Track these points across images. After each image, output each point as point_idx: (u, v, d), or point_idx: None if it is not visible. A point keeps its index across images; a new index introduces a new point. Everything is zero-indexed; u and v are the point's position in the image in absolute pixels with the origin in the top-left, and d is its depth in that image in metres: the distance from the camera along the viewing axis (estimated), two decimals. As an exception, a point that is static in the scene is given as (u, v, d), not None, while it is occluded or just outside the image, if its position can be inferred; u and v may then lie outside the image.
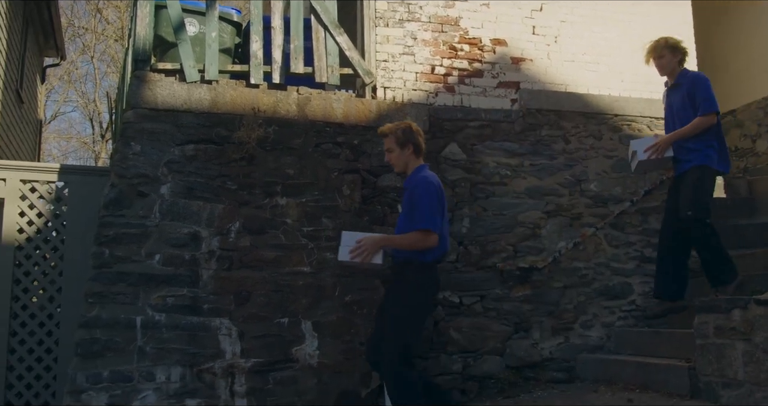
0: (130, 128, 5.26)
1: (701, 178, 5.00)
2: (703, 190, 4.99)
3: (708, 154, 5.01)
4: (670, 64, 5.23)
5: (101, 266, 5.01)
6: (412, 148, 4.40)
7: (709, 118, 4.97)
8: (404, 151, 4.41)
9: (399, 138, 4.40)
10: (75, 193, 6.08)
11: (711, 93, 5.02)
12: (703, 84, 5.05)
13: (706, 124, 4.97)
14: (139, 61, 5.47)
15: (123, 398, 4.88)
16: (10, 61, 11.89)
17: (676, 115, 5.18)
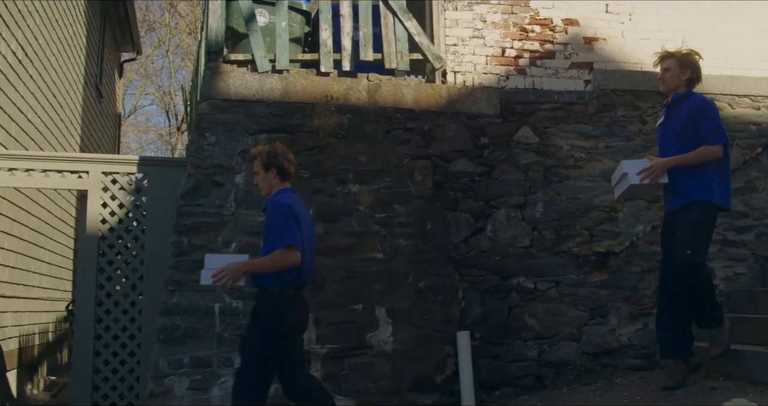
0: (204, 119, 5.37)
1: (703, 216, 4.42)
2: (704, 229, 4.42)
3: (709, 187, 4.43)
4: (674, 80, 4.59)
5: (180, 255, 5.14)
6: (275, 172, 4.23)
7: (715, 149, 4.41)
8: (268, 174, 4.24)
9: (263, 161, 4.26)
10: (154, 184, 6.24)
11: (720, 122, 4.46)
12: (711, 111, 4.48)
13: (711, 155, 4.41)
14: (212, 53, 5.56)
15: (203, 383, 5.01)
16: (90, 58, 12.27)
17: (673, 140, 4.57)
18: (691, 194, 4.44)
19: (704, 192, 4.42)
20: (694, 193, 4.43)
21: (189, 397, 4.97)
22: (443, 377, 5.36)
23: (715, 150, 4.41)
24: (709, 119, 4.44)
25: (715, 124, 4.43)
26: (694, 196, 4.43)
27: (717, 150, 4.42)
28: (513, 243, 5.70)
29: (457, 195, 5.66)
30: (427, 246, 5.52)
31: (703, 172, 4.44)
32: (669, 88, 4.63)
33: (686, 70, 4.56)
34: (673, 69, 4.58)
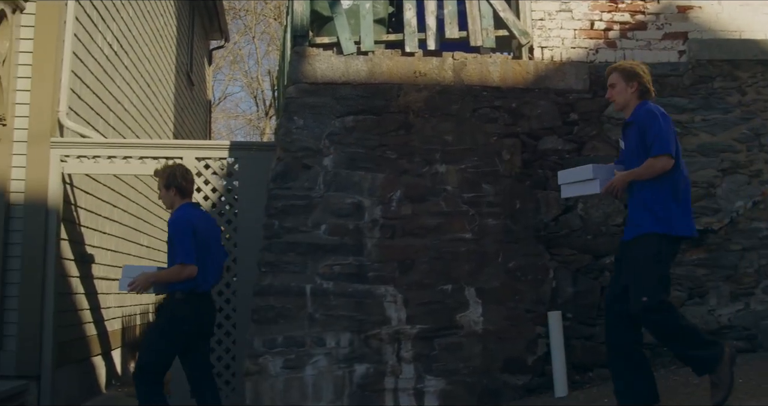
0: (292, 103, 5.44)
1: (656, 252, 3.91)
2: (658, 266, 3.91)
3: (663, 215, 3.93)
4: (622, 95, 4.16)
5: (272, 237, 5.25)
6: (175, 190, 4.85)
7: (662, 160, 3.90)
8: (168, 192, 4.87)
9: (164, 181, 4.88)
10: (245, 168, 6.39)
11: (664, 130, 3.93)
12: (655, 120, 3.97)
13: (658, 167, 3.91)
14: (298, 37, 5.62)
15: (297, 362, 5.11)
16: (181, 47, 12.60)
17: (627, 161, 4.17)
18: (642, 225, 3.98)
19: (657, 222, 3.93)
20: (645, 224, 3.96)
21: (283, 375, 5.09)
22: (534, 358, 5.31)
23: (662, 161, 3.91)
24: (653, 128, 3.96)
25: (657, 132, 3.94)
26: (645, 227, 3.95)
27: (665, 161, 3.91)
28: (605, 221, 5.57)
29: (546, 173, 5.56)
30: (516, 226, 5.45)
31: (656, 197, 3.95)
32: (619, 105, 4.23)
33: (632, 82, 4.12)
34: (619, 83, 4.17)
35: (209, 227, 4.94)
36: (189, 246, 4.63)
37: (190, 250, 4.63)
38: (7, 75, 6.11)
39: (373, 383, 5.13)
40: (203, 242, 4.75)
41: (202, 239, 4.73)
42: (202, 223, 4.84)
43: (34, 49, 6.31)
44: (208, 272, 4.78)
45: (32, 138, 6.23)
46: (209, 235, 4.86)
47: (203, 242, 4.75)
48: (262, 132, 26.35)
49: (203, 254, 4.72)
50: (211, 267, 4.83)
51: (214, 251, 4.90)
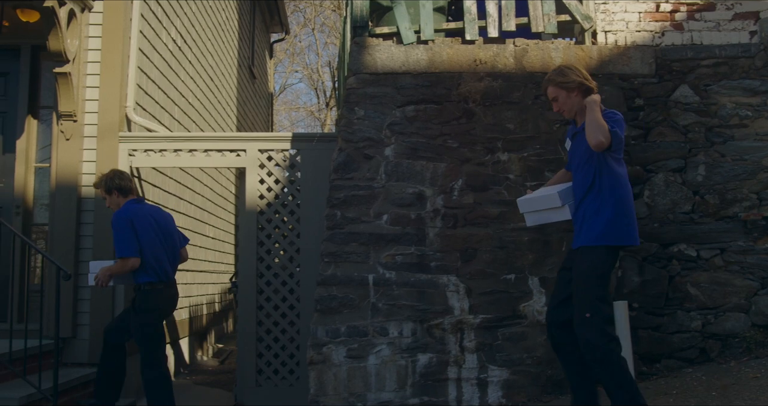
0: (353, 94, 5.46)
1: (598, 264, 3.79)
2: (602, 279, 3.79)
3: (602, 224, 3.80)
4: (567, 105, 4.02)
5: (334, 227, 5.29)
6: (116, 192, 5.26)
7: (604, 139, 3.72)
8: (111, 196, 5.28)
9: (104, 189, 5.28)
10: (307, 159, 6.44)
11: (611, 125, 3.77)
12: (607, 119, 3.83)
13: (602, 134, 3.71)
14: (358, 27, 5.63)
15: (359, 351, 5.15)
16: (242, 40, 12.77)
17: (578, 167, 4.00)
18: (583, 236, 3.88)
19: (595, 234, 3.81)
20: (586, 235, 3.85)
21: (346, 365, 5.14)
22: (601, 348, 5.21)
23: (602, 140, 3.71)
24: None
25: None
26: (585, 240, 3.85)
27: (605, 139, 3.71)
28: (673, 209, 5.43)
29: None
30: (580, 214, 5.36)
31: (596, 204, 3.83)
32: (571, 114, 4.07)
33: (572, 90, 3.98)
34: (559, 94, 4.02)
35: (158, 218, 5.34)
36: (126, 240, 5.06)
37: (128, 244, 5.06)
38: (77, 73, 6.29)
39: (435, 373, 5.14)
40: (153, 234, 5.20)
41: (151, 231, 5.19)
42: (146, 216, 5.24)
43: (102, 46, 6.48)
44: (164, 262, 5.25)
45: (101, 133, 6.40)
46: (159, 226, 5.29)
47: (153, 234, 5.20)
48: (322, 123, 26.57)
49: (155, 246, 5.19)
50: (168, 257, 5.31)
51: (168, 240, 5.35)
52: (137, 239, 5.09)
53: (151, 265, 5.16)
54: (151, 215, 5.31)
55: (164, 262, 5.25)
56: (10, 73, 6.71)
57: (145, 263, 5.12)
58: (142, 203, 5.42)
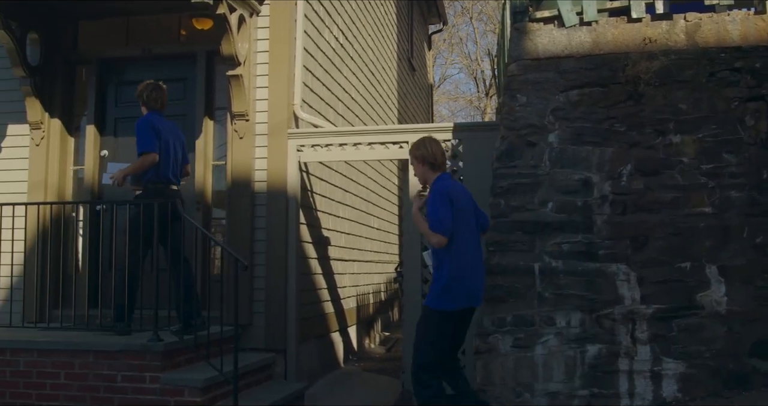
0: (514, 81, 5.38)
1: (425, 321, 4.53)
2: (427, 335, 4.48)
3: (432, 289, 4.51)
4: (421, 175, 4.73)
5: (498, 216, 5.25)
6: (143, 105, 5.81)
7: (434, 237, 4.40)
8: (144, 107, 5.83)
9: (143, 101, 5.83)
10: (469, 148, 6.43)
11: (436, 209, 4.39)
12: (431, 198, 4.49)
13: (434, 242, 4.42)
14: (517, 13, 5.55)
15: (526, 341, 5.09)
16: (401, 34, 12.94)
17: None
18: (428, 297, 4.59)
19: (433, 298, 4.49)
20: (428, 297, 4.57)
21: (513, 354, 5.09)
22: (792, 342, 4.85)
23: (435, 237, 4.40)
24: (429, 206, 4.47)
25: (431, 211, 4.43)
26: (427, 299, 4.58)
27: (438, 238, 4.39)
28: None
29: (799, 139, 5.04)
30: (763, 197, 5.00)
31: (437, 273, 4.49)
32: (422, 181, 4.75)
33: (421, 162, 4.66)
34: (415, 165, 4.74)
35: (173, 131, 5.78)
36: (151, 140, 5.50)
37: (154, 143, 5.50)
38: (248, 74, 6.63)
39: (605, 364, 4.98)
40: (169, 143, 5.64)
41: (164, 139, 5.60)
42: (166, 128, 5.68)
43: (269, 48, 6.79)
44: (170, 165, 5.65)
45: (271, 131, 6.71)
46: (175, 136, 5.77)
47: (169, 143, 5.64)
48: (483, 112, 26.44)
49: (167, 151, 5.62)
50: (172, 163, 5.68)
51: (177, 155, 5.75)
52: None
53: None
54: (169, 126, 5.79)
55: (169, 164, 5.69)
56: (188, 78, 7.18)
57: None
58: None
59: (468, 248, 4.49)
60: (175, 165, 5.71)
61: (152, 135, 5.53)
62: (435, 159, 4.64)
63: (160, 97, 5.79)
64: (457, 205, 4.49)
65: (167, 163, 5.61)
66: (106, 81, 7.36)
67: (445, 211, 4.40)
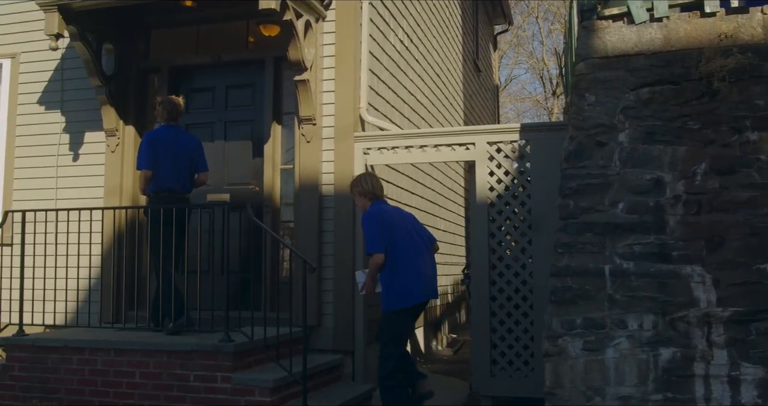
0: (582, 80, 5.30)
1: (386, 325, 5.47)
2: (390, 335, 5.45)
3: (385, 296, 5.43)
4: (361, 204, 5.68)
5: (567, 217, 5.17)
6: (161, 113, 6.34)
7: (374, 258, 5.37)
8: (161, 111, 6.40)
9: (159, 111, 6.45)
10: (536, 149, 6.35)
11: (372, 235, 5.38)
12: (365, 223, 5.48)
13: (373, 263, 5.38)
14: (585, 11, 5.46)
15: (596, 344, 4.99)
16: (466, 35, 12.90)
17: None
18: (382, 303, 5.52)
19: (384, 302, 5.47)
20: (382, 303, 5.51)
21: (583, 357, 5.01)
22: None
23: (373, 258, 5.37)
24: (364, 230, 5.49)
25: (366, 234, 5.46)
26: (382, 305, 5.51)
27: (375, 257, 5.36)
28: None
29: None
30: None
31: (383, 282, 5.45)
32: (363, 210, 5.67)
33: (361, 197, 5.66)
34: (357, 198, 5.74)
35: (180, 143, 6.14)
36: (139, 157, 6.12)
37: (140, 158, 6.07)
38: (314, 79, 6.71)
39: (680, 368, 4.85)
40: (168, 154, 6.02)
41: (162, 154, 5.99)
42: (168, 141, 6.06)
43: (335, 53, 6.86)
44: (170, 176, 6.03)
45: (338, 134, 6.78)
46: (179, 150, 6.10)
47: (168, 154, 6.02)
48: (550, 112, 26.12)
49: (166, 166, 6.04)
50: (173, 173, 6.04)
51: (177, 166, 6.08)
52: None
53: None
54: (175, 136, 6.16)
55: (169, 175, 6.08)
56: (256, 84, 7.32)
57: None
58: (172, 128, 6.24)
59: (408, 256, 5.40)
60: (178, 175, 6.03)
61: (146, 152, 6.03)
62: (374, 193, 5.63)
63: (168, 110, 6.19)
64: (391, 222, 5.43)
65: (166, 174, 5.98)
66: (177, 88, 7.56)
67: (373, 233, 5.36)
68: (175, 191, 6.06)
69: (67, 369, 5.73)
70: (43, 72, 7.82)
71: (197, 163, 6.21)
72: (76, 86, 7.63)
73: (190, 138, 6.32)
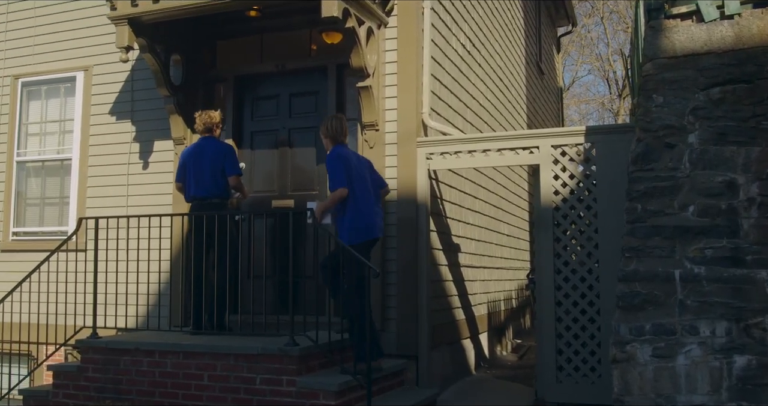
0: (650, 81, 5.19)
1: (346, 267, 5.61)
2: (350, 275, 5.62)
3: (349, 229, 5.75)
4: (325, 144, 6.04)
5: (635, 221, 5.07)
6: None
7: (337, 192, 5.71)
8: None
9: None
10: (602, 152, 6.25)
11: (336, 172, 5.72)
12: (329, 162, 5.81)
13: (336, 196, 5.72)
14: (652, 10, 5.35)
15: (666, 351, 4.87)
16: (529, 38, 12.78)
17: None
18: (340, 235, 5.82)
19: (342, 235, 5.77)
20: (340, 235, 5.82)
21: (652, 364, 4.89)
22: None
23: (338, 192, 5.69)
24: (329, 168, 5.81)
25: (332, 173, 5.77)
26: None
27: (340, 192, 5.69)
28: None
29: None
30: None
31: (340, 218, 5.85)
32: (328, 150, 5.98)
33: (325, 136, 5.99)
34: (323, 139, 6.05)
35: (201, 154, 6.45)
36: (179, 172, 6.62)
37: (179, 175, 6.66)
38: (377, 85, 6.75)
39: (756, 377, 4.68)
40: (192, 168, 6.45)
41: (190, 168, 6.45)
42: (193, 154, 6.47)
43: (397, 58, 6.88)
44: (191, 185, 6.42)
45: (401, 140, 6.79)
46: (201, 162, 6.42)
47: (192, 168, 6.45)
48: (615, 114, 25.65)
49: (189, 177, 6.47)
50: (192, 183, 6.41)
51: (197, 176, 6.40)
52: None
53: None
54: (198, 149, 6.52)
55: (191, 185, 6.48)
56: (319, 91, 7.40)
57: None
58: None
59: (362, 196, 5.77)
60: (199, 181, 6.39)
61: (178, 166, 6.61)
62: (336, 134, 5.94)
63: (202, 123, 6.55)
64: (348, 164, 5.76)
65: (190, 183, 6.43)
66: (242, 97, 7.70)
67: (338, 170, 5.70)
68: (198, 198, 6.40)
69: (139, 371, 5.88)
70: (114, 83, 8.08)
71: (224, 167, 6.42)
72: (145, 97, 7.86)
73: (217, 145, 6.56)
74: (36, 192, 8.53)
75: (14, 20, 8.74)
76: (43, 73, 8.50)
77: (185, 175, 6.48)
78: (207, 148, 6.46)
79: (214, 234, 6.14)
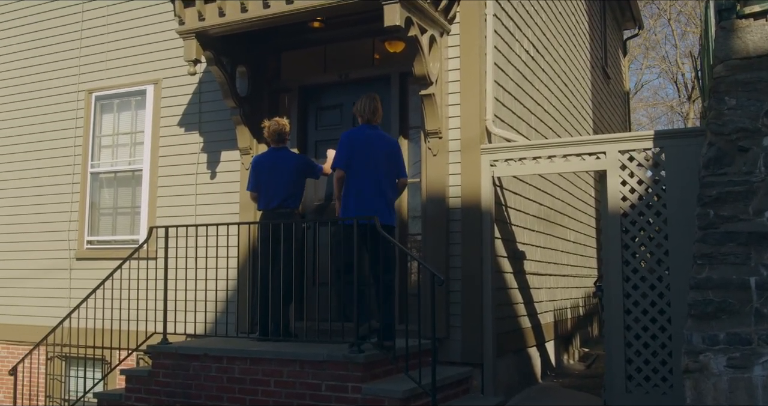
0: (722, 83, 5.05)
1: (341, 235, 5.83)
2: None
3: (343, 212, 5.88)
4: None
5: (707, 227, 4.93)
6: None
7: (334, 172, 5.98)
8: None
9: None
10: (671, 156, 6.10)
11: (338, 152, 5.91)
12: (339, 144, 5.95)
13: (334, 177, 5.99)
14: (723, 11, 5.21)
15: (742, 361, 4.71)
16: (594, 42, 12.60)
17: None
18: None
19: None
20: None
21: (727, 375, 4.73)
22: None
23: (335, 173, 5.95)
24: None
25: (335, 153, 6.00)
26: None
27: (336, 173, 5.92)
28: None
29: None
30: None
31: (343, 199, 5.92)
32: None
33: (357, 115, 6.10)
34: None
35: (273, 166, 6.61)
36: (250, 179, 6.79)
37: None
38: (440, 93, 6.74)
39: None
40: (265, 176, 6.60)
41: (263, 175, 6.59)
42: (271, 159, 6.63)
43: (460, 66, 6.86)
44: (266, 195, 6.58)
45: (464, 147, 6.76)
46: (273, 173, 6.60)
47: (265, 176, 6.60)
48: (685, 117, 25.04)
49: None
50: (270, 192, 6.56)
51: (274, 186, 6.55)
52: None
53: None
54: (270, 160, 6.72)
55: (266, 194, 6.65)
56: (383, 99, 7.42)
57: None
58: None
59: (364, 179, 5.78)
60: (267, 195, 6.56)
61: (250, 175, 6.76)
62: (362, 112, 5.99)
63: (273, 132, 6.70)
64: (352, 145, 5.83)
65: (266, 194, 6.58)
66: (306, 107, 7.80)
67: (338, 151, 5.85)
68: (270, 208, 6.55)
69: (207, 376, 5.99)
70: (182, 96, 8.29)
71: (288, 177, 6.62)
72: (212, 108, 8.04)
73: (291, 157, 6.71)
74: (109, 202, 8.80)
75: (88, 37, 9.06)
76: (115, 87, 8.78)
77: (257, 185, 6.65)
78: (282, 160, 6.61)
79: (280, 242, 6.22)
